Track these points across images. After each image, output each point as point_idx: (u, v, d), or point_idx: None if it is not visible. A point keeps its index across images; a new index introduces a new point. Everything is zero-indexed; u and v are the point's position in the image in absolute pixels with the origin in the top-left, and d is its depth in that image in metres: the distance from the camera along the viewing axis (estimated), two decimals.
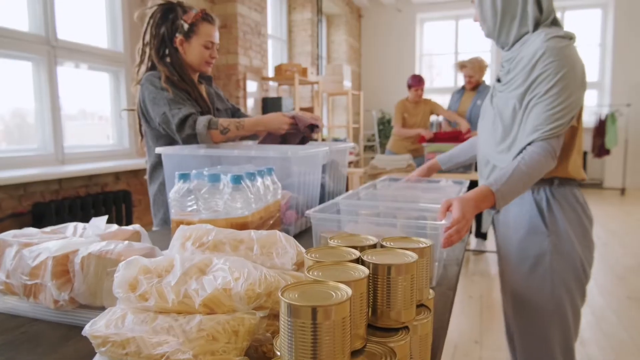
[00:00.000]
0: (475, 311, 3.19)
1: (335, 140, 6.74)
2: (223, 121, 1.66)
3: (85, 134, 3.63)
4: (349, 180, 5.38)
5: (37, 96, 3.08)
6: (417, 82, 4.63)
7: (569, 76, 1.32)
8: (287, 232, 1.41)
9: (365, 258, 0.61)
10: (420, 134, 4.30)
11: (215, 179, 1.01)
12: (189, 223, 1.00)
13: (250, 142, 2.08)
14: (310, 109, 5.71)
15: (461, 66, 4.17)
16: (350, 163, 6.15)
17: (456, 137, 4.00)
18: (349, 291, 0.49)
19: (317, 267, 0.58)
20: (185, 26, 1.76)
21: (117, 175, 3.45)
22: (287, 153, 1.32)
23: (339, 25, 8.24)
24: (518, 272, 1.49)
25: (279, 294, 0.47)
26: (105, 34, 3.63)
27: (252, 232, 0.78)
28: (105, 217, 0.93)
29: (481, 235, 4.48)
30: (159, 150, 1.44)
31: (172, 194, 1.01)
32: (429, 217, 1.21)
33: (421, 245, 0.69)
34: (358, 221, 1.31)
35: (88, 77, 3.50)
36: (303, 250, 0.79)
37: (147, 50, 1.81)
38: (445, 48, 9.04)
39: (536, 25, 1.42)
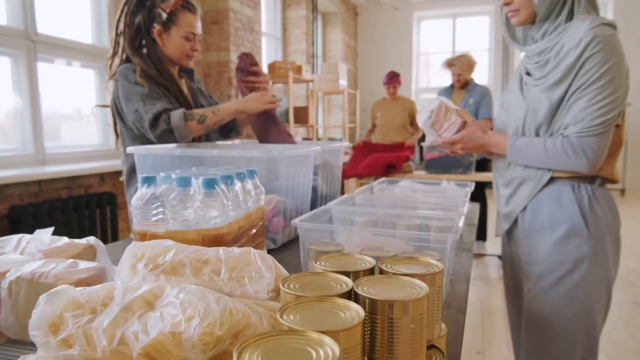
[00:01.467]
0: (476, 318, 3.05)
1: (331, 139, 6.59)
2: (197, 110, 1.52)
3: (82, 134, 3.49)
4: (343, 184, 5.24)
5: (16, 93, 2.92)
6: (389, 79, 4.53)
7: (616, 68, 1.20)
8: (274, 241, 1.27)
9: (359, 291, 0.46)
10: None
11: (184, 183, 0.86)
12: (153, 235, 0.85)
13: (237, 141, 1.93)
14: (305, 108, 5.56)
15: (449, 64, 4.04)
16: (345, 163, 6.01)
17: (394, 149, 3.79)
18: (336, 350, 0.34)
19: (295, 307, 0.43)
20: (164, 15, 1.61)
21: (102, 177, 3.29)
22: (273, 153, 1.17)
23: (334, 24, 8.09)
24: (544, 282, 1.34)
25: (234, 356, 0.32)
26: (89, 29, 3.47)
27: (221, 251, 0.63)
28: (51, 229, 0.78)
29: (481, 237, 4.35)
30: (130, 149, 1.29)
31: (134, 201, 0.86)
32: (432, 226, 1.07)
33: (432, 270, 0.55)
34: (353, 230, 1.17)
35: (73, 74, 3.34)
36: (284, 272, 0.64)
37: (121, 41, 1.65)
38: (442, 47, 8.91)
39: (570, 13, 1.30)
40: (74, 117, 3.51)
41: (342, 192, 5.28)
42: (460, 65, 3.89)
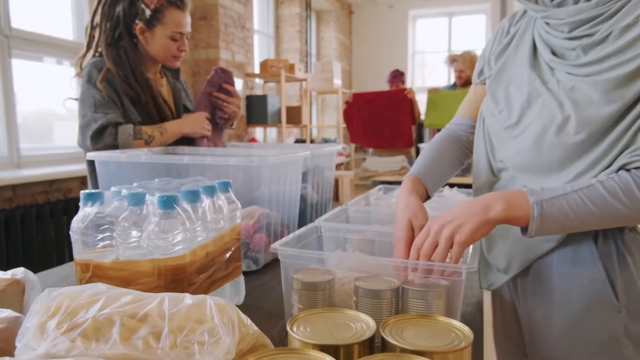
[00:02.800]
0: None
1: (325, 140, 6.43)
2: (147, 129, 1.36)
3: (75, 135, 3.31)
4: (340, 184, 5.07)
5: None
6: (391, 78, 4.39)
7: None
8: (256, 261, 1.10)
9: None
10: None
11: (137, 200, 0.70)
12: (97, 266, 0.69)
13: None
14: (298, 108, 5.39)
15: (452, 60, 3.88)
16: (340, 165, 5.84)
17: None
18: None
19: None
20: (147, 12, 1.42)
21: (82, 180, 3.11)
22: (253, 161, 1.01)
23: (328, 22, 7.93)
24: None
25: None
26: (70, 24, 3.29)
27: (167, 301, 0.47)
28: None
29: None
30: (90, 155, 1.12)
31: (75, 223, 0.70)
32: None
33: (457, 344, 0.39)
34: (346, 250, 1.01)
35: (51, 71, 3.17)
36: (253, 329, 0.48)
37: (97, 34, 1.48)
38: (438, 46, 8.77)
39: None
40: (66, 117, 3.34)
41: (338, 197, 5.12)
42: (463, 60, 3.75)
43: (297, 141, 6.13)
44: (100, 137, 1.31)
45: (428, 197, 1.01)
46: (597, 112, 0.79)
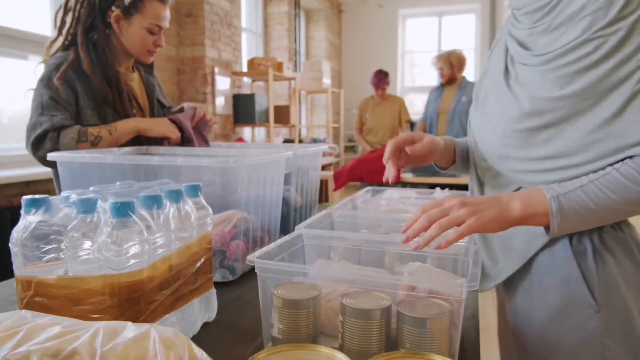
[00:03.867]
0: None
1: (314, 140, 6.34)
2: (93, 129, 1.26)
3: None
4: (329, 185, 4.98)
5: None
6: (377, 81, 4.24)
7: None
8: (232, 271, 1.02)
9: None
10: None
11: (87, 207, 0.61)
12: (40, 284, 0.60)
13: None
14: (286, 108, 5.30)
15: (436, 58, 3.82)
16: (329, 165, 5.76)
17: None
18: None
19: None
20: None
21: (27, 184, 2.98)
22: (228, 161, 0.92)
23: (318, 21, 7.85)
24: None
25: None
26: (49, 19, 3.18)
27: (101, 333, 0.38)
28: None
29: None
30: (52, 156, 1.03)
31: (15, 234, 0.61)
32: (429, 256, 0.83)
33: None
34: (332, 256, 0.93)
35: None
36: None
37: (68, 20, 1.38)
38: (427, 45, 8.72)
39: None
40: None
41: (327, 198, 5.03)
42: (443, 60, 3.68)
43: (286, 141, 6.04)
44: (42, 143, 1.21)
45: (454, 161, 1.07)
46: (549, 97, 0.78)
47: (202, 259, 0.76)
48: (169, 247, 0.67)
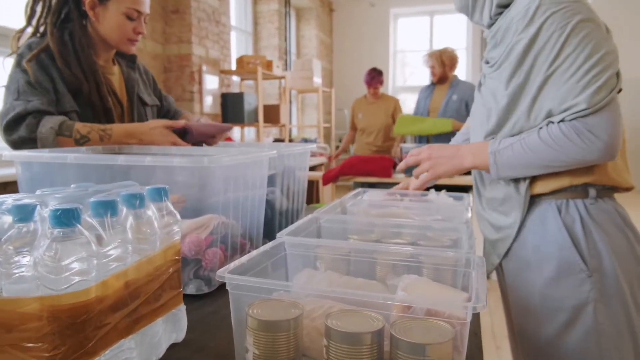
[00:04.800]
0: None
1: (305, 140, 6.24)
2: (82, 127, 1.16)
3: None
4: (320, 186, 4.89)
5: None
6: (370, 79, 4.13)
7: (586, 25, 0.92)
8: (208, 282, 0.92)
9: None
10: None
11: (23, 215, 0.51)
12: None
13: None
14: (276, 107, 5.20)
15: (426, 57, 3.74)
16: (321, 165, 5.67)
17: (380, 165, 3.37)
18: None
19: None
20: None
21: None
22: (203, 161, 0.83)
23: (309, 20, 7.76)
24: (545, 334, 1.03)
25: None
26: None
27: None
28: None
29: None
30: (7, 156, 0.93)
31: None
32: (425, 266, 0.74)
33: None
34: (318, 266, 0.84)
35: None
36: None
37: (38, 8, 1.29)
38: (419, 45, 8.67)
39: None
40: None
41: (317, 199, 4.94)
42: (434, 58, 3.60)
43: (276, 141, 5.94)
44: (16, 127, 1.11)
45: None
46: (502, 98, 1.02)
47: (170, 271, 0.67)
48: (125, 261, 0.57)
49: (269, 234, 1.20)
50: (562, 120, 0.95)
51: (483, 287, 0.57)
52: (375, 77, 4.12)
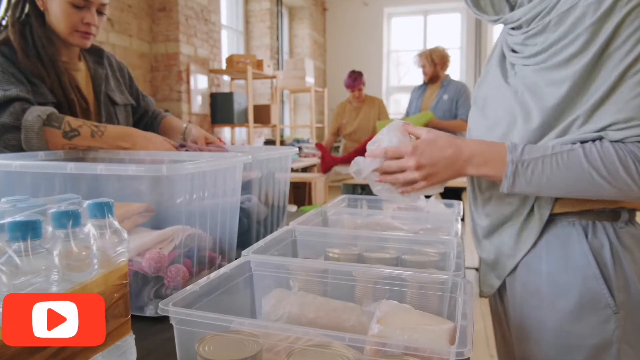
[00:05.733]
0: None
1: (298, 141, 6.15)
2: (74, 120, 1.07)
3: None
4: (313, 187, 4.80)
5: None
6: (351, 82, 3.97)
7: None
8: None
9: None
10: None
11: None
12: None
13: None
14: (267, 107, 5.11)
15: (419, 56, 3.65)
16: (313, 166, 5.58)
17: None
18: None
19: None
20: None
21: None
22: (161, 170, 0.74)
23: (302, 19, 7.67)
24: None
25: None
26: None
27: None
28: None
29: None
30: None
31: None
32: (409, 287, 0.66)
33: None
34: (292, 285, 0.75)
35: None
36: None
37: (3, 3, 1.21)
38: (413, 44, 8.60)
39: None
40: None
41: (310, 201, 4.84)
42: (425, 57, 3.53)
43: (267, 142, 5.85)
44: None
45: None
46: (547, 99, 0.79)
47: (112, 300, 0.58)
48: (49, 291, 0.49)
49: (246, 244, 1.11)
50: (620, 141, 0.74)
51: (470, 321, 0.49)
52: (357, 78, 4.01)
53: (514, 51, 0.89)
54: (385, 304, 0.61)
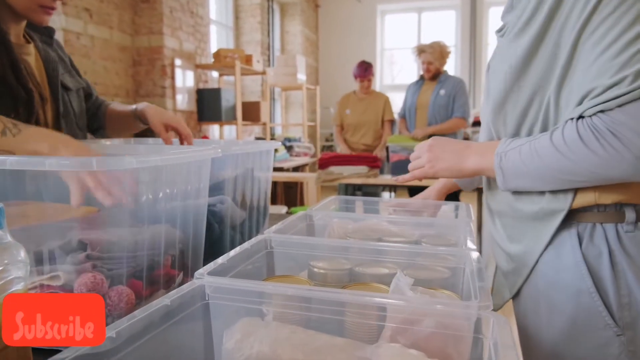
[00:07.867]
0: None
1: (289, 139, 5.97)
2: None
3: None
4: (305, 186, 4.62)
5: None
6: (362, 71, 3.84)
7: None
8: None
9: None
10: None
11: None
12: None
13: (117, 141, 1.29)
14: (256, 104, 4.92)
15: (420, 51, 3.47)
16: (305, 166, 5.40)
17: (365, 160, 3.28)
18: None
19: None
20: None
21: None
22: (89, 164, 0.56)
23: (293, 15, 7.50)
24: None
25: None
26: None
27: None
28: None
29: None
30: None
31: None
32: (413, 325, 0.49)
33: None
34: (265, 312, 0.59)
35: None
36: None
37: None
38: (407, 42, 8.45)
39: None
40: None
41: (302, 201, 4.68)
42: (432, 52, 3.35)
43: (257, 140, 5.67)
44: None
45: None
46: (505, 67, 0.78)
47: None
48: None
49: (219, 254, 0.94)
50: (581, 117, 0.68)
51: None
52: (368, 68, 3.86)
53: (498, 31, 0.87)
54: (385, 349, 0.44)
